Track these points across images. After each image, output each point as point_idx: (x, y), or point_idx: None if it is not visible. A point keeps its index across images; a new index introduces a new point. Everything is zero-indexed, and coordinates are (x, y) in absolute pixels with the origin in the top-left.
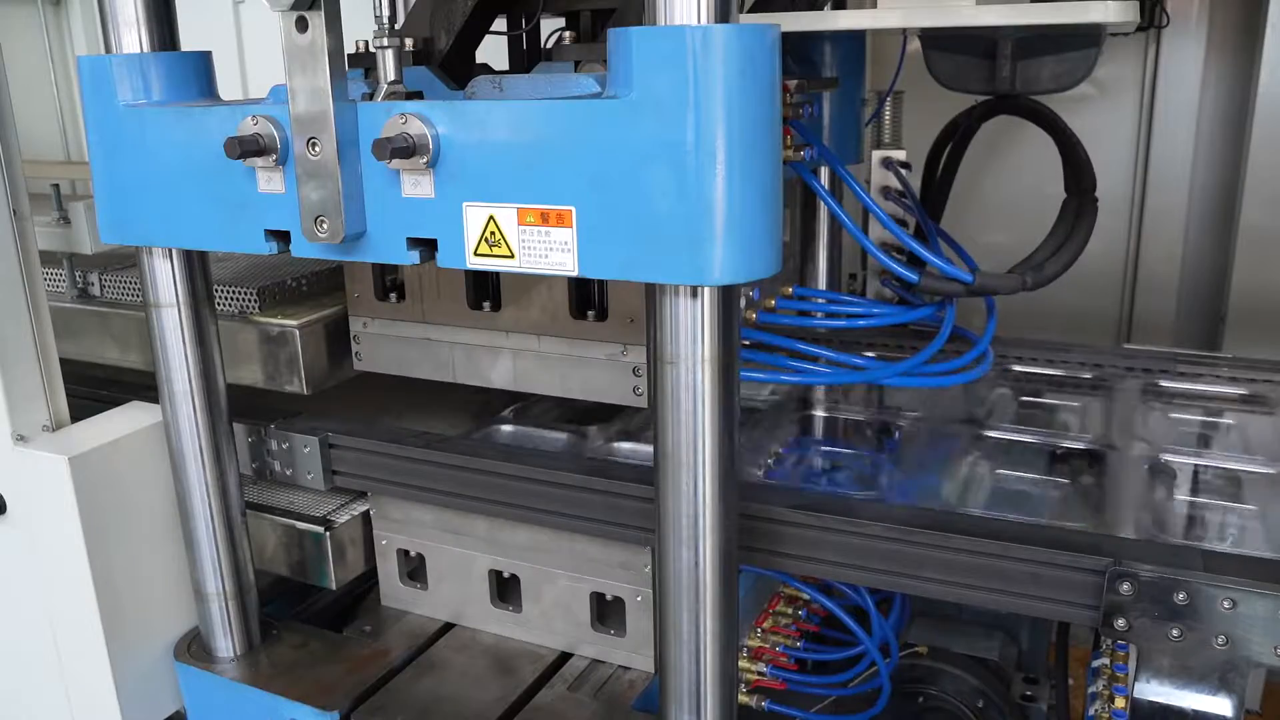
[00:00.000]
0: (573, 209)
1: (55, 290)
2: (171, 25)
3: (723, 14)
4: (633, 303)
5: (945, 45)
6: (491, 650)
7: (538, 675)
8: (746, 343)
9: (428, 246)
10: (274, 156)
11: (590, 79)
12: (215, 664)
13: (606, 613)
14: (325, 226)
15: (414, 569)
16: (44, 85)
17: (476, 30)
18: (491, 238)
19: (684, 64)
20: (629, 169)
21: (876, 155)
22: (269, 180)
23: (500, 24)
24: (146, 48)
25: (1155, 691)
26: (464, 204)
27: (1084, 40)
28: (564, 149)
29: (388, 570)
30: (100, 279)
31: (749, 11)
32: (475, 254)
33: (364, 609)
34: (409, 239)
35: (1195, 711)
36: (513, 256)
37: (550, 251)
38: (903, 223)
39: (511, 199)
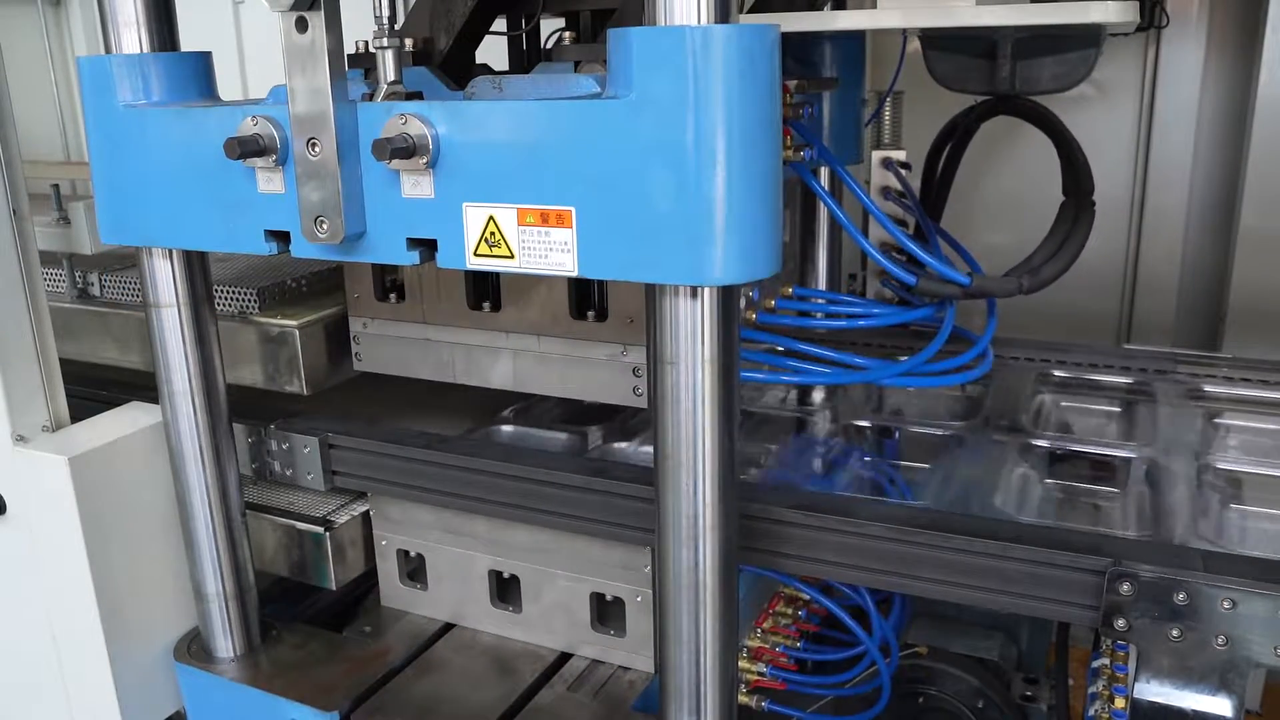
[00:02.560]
0: (572, 209)
1: (55, 290)
2: (171, 25)
3: (723, 14)
4: (632, 303)
5: (945, 45)
6: (491, 650)
7: (537, 675)
8: (746, 344)
9: (428, 247)
10: (274, 157)
11: (590, 79)
12: (215, 664)
13: (606, 613)
14: (325, 227)
15: (414, 569)
16: (44, 85)
17: (476, 30)
18: (491, 238)
19: (684, 64)
20: (629, 169)
21: (876, 155)
22: (269, 181)
23: (500, 24)
24: (146, 48)
25: (1155, 691)
26: (464, 204)
27: (1084, 40)
28: (563, 150)
29: (387, 570)
30: (100, 279)
31: (749, 11)
32: (475, 254)
33: (364, 610)
34: (409, 239)
35: (1195, 711)
36: (513, 257)
37: (550, 252)
38: (902, 223)
39: (511, 199)
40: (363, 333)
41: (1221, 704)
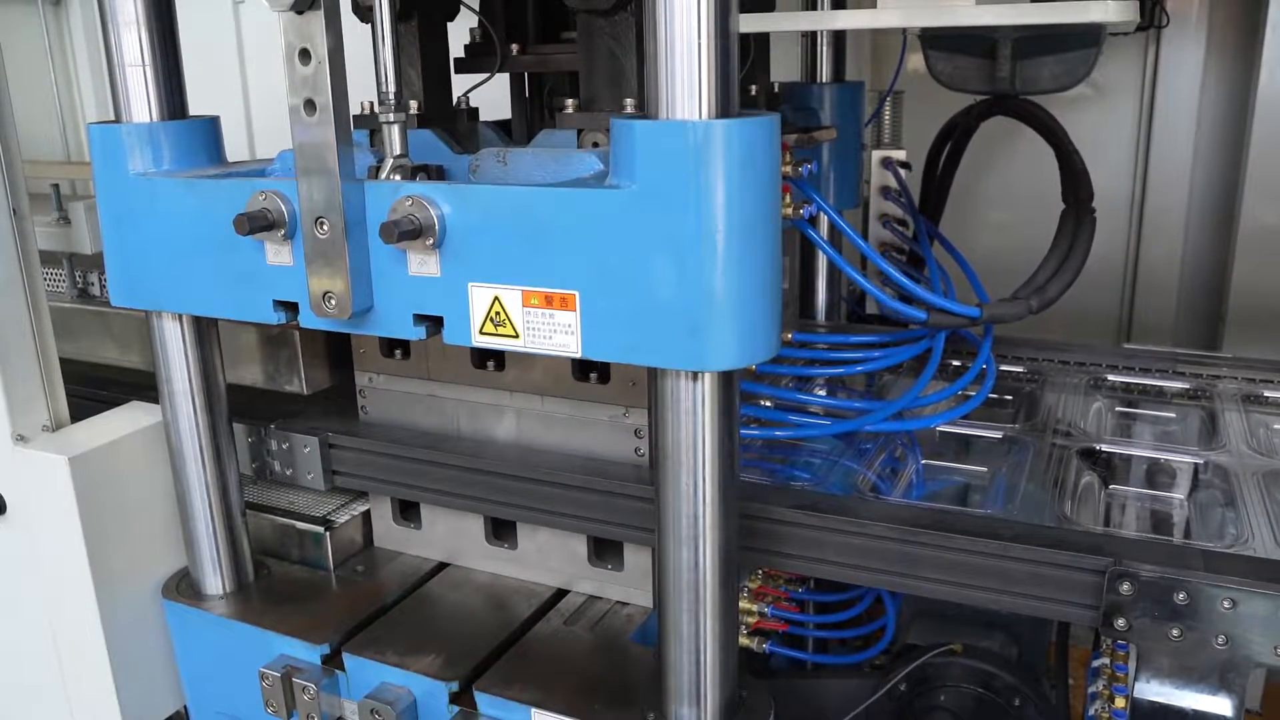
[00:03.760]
0: (576, 293)
1: (55, 290)
2: (181, 93)
3: (724, 109)
4: (634, 367)
5: (945, 45)
6: (486, 588)
7: (534, 610)
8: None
9: (434, 323)
10: (282, 231)
11: (594, 157)
12: (204, 601)
13: (603, 549)
14: (333, 303)
15: (407, 508)
16: (44, 85)
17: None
18: (496, 317)
19: (686, 159)
20: (631, 257)
21: (876, 155)
22: (277, 253)
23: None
24: (156, 116)
25: (1155, 691)
26: (469, 284)
27: (1083, 40)
28: (568, 235)
29: (380, 511)
30: (100, 279)
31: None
32: (481, 333)
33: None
34: (415, 315)
35: (1195, 711)
36: (518, 336)
37: (554, 333)
38: (901, 222)
39: (516, 281)
40: (368, 386)
41: (1221, 704)
